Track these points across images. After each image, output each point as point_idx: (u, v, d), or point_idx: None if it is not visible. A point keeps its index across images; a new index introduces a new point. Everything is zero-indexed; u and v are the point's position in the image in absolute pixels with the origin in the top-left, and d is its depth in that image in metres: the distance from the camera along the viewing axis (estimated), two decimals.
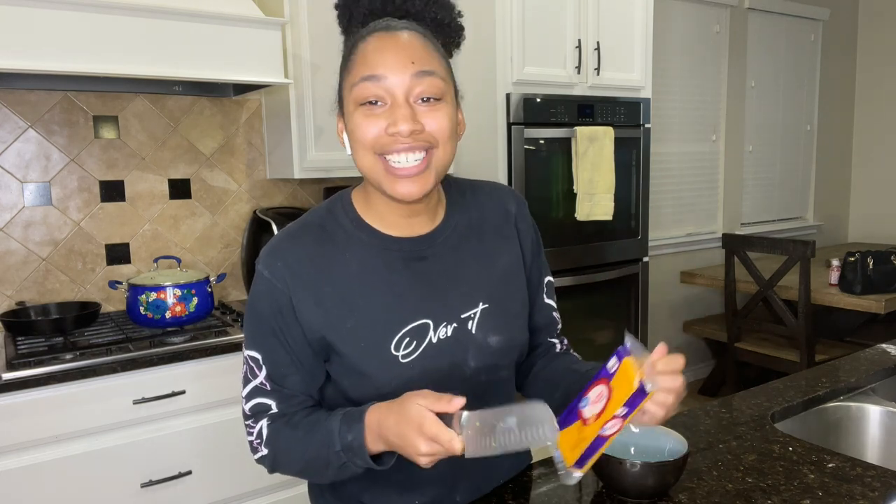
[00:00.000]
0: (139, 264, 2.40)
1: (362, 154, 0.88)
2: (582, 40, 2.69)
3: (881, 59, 4.94)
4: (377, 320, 0.92)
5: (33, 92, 2.18)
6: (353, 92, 0.86)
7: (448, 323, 0.94)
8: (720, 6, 4.08)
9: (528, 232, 1.08)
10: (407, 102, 0.84)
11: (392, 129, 0.84)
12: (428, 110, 0.86)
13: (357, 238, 0.95)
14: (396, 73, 0.83)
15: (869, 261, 3.23)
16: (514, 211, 1.07)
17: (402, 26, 0.87)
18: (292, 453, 0.93)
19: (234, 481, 2.03)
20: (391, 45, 0.84)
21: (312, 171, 2.40)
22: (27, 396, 1.72)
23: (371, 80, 0.84)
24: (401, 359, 0.92)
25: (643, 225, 2.97)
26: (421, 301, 0.94)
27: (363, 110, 0.86)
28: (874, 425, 1.40)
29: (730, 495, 1.00)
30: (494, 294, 0.99)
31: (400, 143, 0.85)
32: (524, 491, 1.02)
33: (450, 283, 0.96)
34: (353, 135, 0.88)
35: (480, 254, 1.00)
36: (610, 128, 2.71)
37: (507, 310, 1.00)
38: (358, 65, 0.85)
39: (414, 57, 0.84)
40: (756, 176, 4.52)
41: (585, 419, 0.83)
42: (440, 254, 0.97)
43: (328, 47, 2.36)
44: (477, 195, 1.05)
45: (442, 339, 0.94)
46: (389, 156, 0.86)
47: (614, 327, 2.94)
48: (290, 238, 0.95)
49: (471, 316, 0.96)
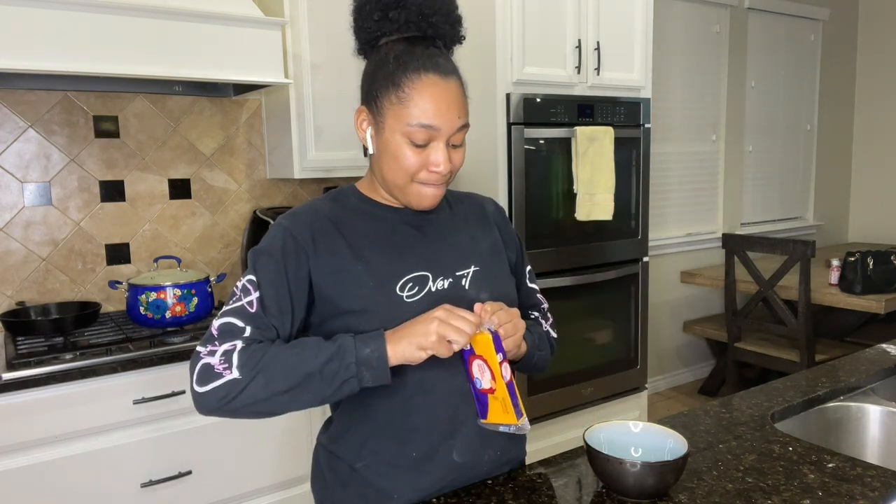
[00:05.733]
0: (139, 264, 2.40)
1: (397, 174, 1.02)
2: (582, 40, 2.69)
3: (881, 59, 4.94)
4: (384, 266, 1.04)
5: (33, 92, 2.18)
6: (406, 129, 0.99)
7: (444, 278, 1.07)
8: (720, 6, 4.08)
9: (506, 227, 1.23)
10: (446, 146, 1.01)
11: (434, 168, 1.01)
12: (455, 151, 1.04)
13: (363, 209, 1.10)
14: (448, 126, 1.00)
15: (869, 261, 3.23)
16: (491, 209, 1.23)
17: (450, 71, 1.02)
18: (280, 369, 0.93)
19: (234, 481, 2.03)
20: (445, 96, 1.00)
21: (312, 171, 2.40)
22: (27, 396, 1.72)
23: (429, 129, 0.99)
24: (405, 299, 1.03)
25: (643, 225, 2.97)
26: (421, 257, 1.07)
27: (409, 145, 1.00)
28: (874, 425, 1.40)
29: (730, 495, 1.00)
30: (483, 261, 1.13)
31: (435, 178, 1.03)
32: (524, 490, 1.02)
33: (444, 247, 1.10)
34: (395, 157, 1.01)
35: (466, 232, 1.15)
36: (610, 128, 2.71)
37: (495, 274, 1.14)
38: (415, 106, 0.98)
39: (460, 111, 1.02)
40: (756, 176, 4.52)
41: (491, 388, 0.99)
42: (435, 225, 1.12)
43: (328, 47, 2.36)
44: (459, 197, 1.22)
45: (440, 289, 1.06)
46: (422, 184, 1.03)
47: (614, 327, 2.95)
48: (306, 207, 1.08)
49: (464, 274, 1.09)
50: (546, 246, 2.67)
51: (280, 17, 2.25)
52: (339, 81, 2.40)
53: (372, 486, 1.06)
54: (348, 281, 1.02)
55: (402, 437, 1.04)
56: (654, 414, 3.65)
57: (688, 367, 4.29)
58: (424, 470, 1.05)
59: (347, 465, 1.08)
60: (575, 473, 1.09)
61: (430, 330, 0.94)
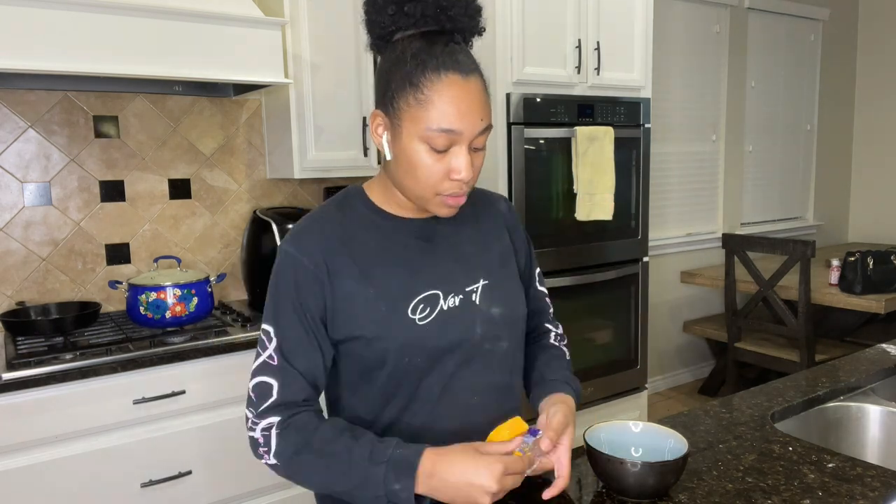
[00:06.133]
0: (139, 264, 2.40)
1: (419, 186, 0.97)
2: (582, 40, 2.69)
3: (881, 59, 4.94)
4: (395, 289, 1.01)
5: (33, 92, 2.18)
6: (426, 134, 0.93)
7: (455, 294, 1.04)
8: (720, 6, 4.08)
9: (516, 229, 1.19)
10: (468, 151, 0.95)
11: (456, 175, 0.95)
12: (476, 154, 0.98)
13: (372, 221, 1.05)
14: (470, 129, 0.94)
15: (869, 261, 3.23)
16: (504, 210, 1.19)
17: (471, 69, 0.95)
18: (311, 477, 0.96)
19: (234, 481, 2.03)
20: (466, 97, 0.93)
21: (312, 171, 2.40)
22: (27, 396, 1.72)
23: (451, 134, 0.93)
24: (418, 321, 1.00)
25: (643, 225, 2.97)
26: (431, 275, 1.04)
27: (429, 151, 0.94)
28: (874, 425, 1.40)
29: (730, 495, 1.00)
30: (492, 272, 1.09)
31: (458, 189, 0.97)
32: (525, 494, 1.02)
33: (453, 262, 1.07)
34: (413, 165, 0.95)
35: (476, 239, 1.11)
36: (610, 128, 2.71)
37: (505, 286, 1.10)
38: (435, 109, 0.92)
39: (482, 113, 0.95)
40: (756, 176, 4.52)
41: None
42: (444, 235, 1.08)
43: (328, 47, 2.36)
44: (472, 196, 1.15)
45: (451, 307, 1.03)
46: (443, 195, 0.97)
47: (614, 327, 2.95)
48: (314, 222, 1.03)
49: (474, 289, 1.06)
50: (546, 246, 2.67)
51: (280, 17, 2.25)
52: (339, 81, 2.40)
53: None
54: (359, 306, 0.99)
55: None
56: (654, 414, 3.65)
57: (688, 367, 4.29)
58: None
59: None
60: (575, 473, 1.09)
61: (482, 495, 0.87)
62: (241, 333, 2.05)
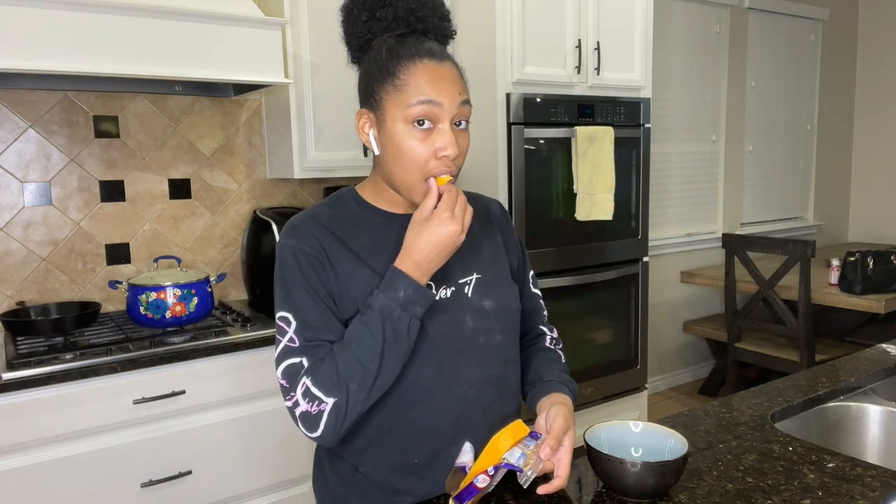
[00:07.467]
0: (139, 264, 2.40)
1: (407, 171, 0.99)
2: (582, 40, 2.69)
3: (881, 59, 4.94)
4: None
5: (33, 92, 2.18)
6: (407, 112, 0.96)
7: (447, 286, 1.06)
8: (720, 6, 4.08)
9: (508, 231, 1.21)
10: (451, 127, 0.98)
11: (442, 152, 0.97)
12: (461, 133, 1.00)
13: (364, 216, 1.07)
14: (449, 101, 0.97)
15: (869, 261, 3.23)
16: (496, 212, 1.21)
17: (444, 56, 1.00)
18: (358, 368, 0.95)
19: (234, 481, 2.03)
20: (443, 75, 0.98)
21: (312, 171, 2.40)
22: (27, 396, 1.72)
23: (430, 105, 0.96)
24: None
25: (643, 225, 2.97)
26: None
27: (413, 132, 0.97)
28: (874, 425, 1.40)
29: (730, 495, 1.00)
30: (485, 268, 1.12)
31: (445, 168, 0.98)
32: (525, 491, 1.02)
33: None
34: (400, 149, 0.98)
35: (469, 237, 1.09)
36: (610, 128, 2.71)
37: (497, 281, 1.12)
38: (412, 87, 0.96)
39: (459, 88, 0.99)
40: (756, 176, 4.52)
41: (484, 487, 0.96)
42: None
43: (328, 47, 2.36)
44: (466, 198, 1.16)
45: (443, 298, 1.05)
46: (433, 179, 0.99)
47: (614, 327, 2.95)
48: (307, 217, 1.06)
49: (467, 282, 1.08)
50: (546, 246, 2.67)
51: (280, 17, 2.25)
52: (339, 81, 2.40)
53: (374, 488, 1.06)
54: (360, 287, 1.01)
55: (404, 443, 1.04)
56: (654, 414, 3.65)
57: (688, 367, 4.29)
58: (426, 475, 1.05)
59: (350, 465, 1.08)
60: (575, 473, 1.09)
61: (456, 236, 0.96)
62: (241, 333, 2.05)
